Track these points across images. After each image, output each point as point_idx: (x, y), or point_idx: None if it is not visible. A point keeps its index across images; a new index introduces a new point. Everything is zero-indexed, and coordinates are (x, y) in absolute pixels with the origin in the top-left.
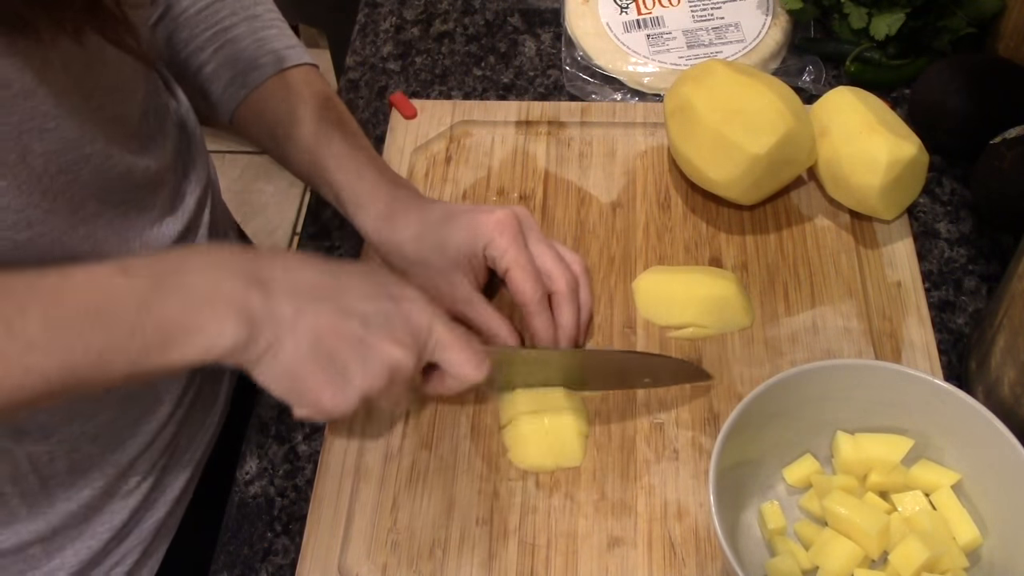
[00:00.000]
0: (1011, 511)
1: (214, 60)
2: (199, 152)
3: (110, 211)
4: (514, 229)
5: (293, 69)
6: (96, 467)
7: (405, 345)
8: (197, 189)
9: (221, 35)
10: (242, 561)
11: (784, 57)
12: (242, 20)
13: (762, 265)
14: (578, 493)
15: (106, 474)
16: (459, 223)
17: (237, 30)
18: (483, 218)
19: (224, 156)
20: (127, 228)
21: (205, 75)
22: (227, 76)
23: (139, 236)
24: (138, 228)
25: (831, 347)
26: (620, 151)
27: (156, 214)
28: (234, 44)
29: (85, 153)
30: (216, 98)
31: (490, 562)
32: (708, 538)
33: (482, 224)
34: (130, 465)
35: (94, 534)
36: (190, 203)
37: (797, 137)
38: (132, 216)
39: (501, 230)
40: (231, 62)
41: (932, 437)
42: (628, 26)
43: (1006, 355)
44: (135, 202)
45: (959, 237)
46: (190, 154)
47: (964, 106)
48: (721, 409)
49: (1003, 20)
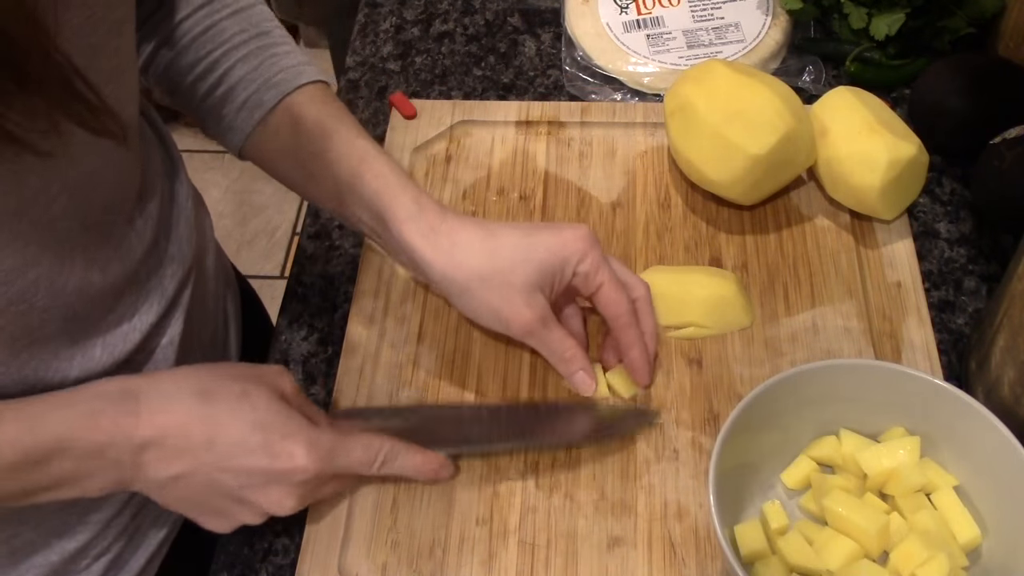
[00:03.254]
0: (1011, 511)
1: (225, 82)
2: (185, 223)
3: (70, 325)
4: (598, 245)
5: (310, 86)
6: (39, 553)
7: (282, 501)
8: (180, 271)
9: (231, 54)
10: (242, 561)
11: (784, 57)
12: (252, 37)
13: (762, 265)
14: (578, 493)
15: (51, 560)
16: (541, 240)
17: (248, 48)
18: (569, 234)
19: (224, 156)
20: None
21: (215, 99)
22: (242, 97)
23: (101, 342)
24: (102, 332)
25: (831, 347)
26: (620, 151)
27: (123, 311)
28: (245, 63)
29: (30, 280)
30: (228, 122)
31: (490, 562)
32: (708, 538)
33: (570, 241)
34: (80, 551)
35: None
36: (169, 288)
37: (797, 137)
38: (93, 320)
39: (591, 244)
40: (244, 82)
41: (932, 437)
42: (628, 26)
43: (1006, 355)
44: (95, 307)
45: (959, 237)
46: (173, 229)
47: (964, 106)
48: (721, 409)
49: (1003, 20)
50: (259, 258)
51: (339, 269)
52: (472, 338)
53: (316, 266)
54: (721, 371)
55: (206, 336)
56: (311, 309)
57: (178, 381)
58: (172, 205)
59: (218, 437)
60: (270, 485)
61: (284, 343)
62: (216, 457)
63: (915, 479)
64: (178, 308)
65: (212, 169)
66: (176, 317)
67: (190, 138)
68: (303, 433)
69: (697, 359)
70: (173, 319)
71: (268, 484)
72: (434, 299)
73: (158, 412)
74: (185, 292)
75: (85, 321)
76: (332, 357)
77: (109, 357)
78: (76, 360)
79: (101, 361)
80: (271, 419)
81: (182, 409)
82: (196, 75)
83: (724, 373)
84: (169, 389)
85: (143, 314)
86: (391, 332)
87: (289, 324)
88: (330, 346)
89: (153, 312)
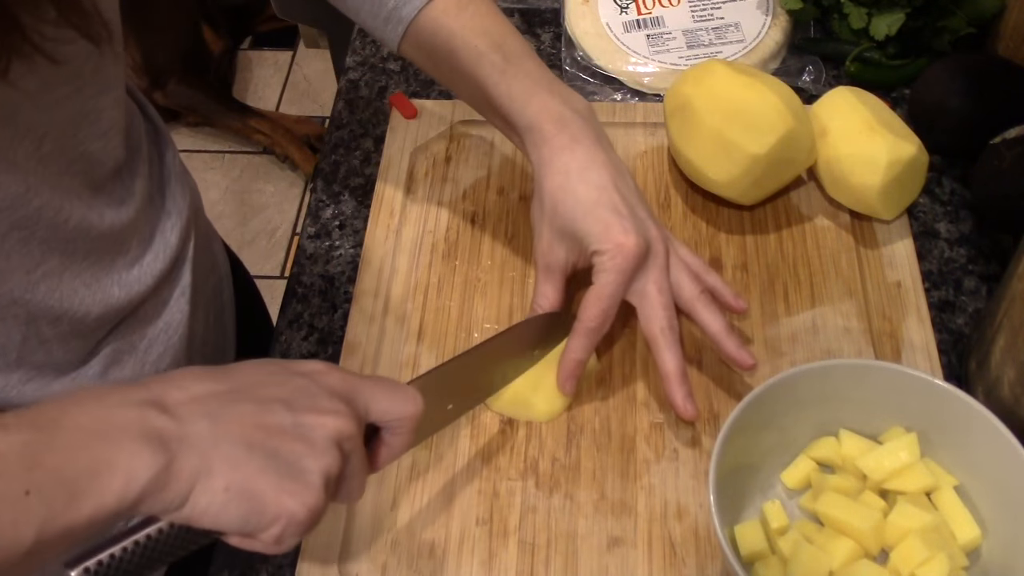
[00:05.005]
0: (1011, 511)
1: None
2: (176, 180)
3: (77, 264)
4: (631, 262)
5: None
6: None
7: (339, 412)
8: (179, 223)
9: None
10: (242, 561)
11: (784, 57)
12: None
13: (762, 265)
14: (578, 493)
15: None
16: (596, 216)
17: None
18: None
19: (224, 156)
20: (101, 276)
21: (366, 9)
22: (384, 11)
23: (117, 281)
24: (116, 272)
25: (831, 347)
26: (620, 151)
27: (133, 256)
28: None
29: (33, 208)
30: (379, 34)
31: (490, 562)
32: (708, 538)
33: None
34: None
35: None
36: (172, 239)
37: (797, 137)
38: (105, 263)
39: (617, 253)
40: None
41: (932, 437)
42: (628, 26)
43: (1006, 355)
44: (104, 251)
45: (959, 237)
46: (166, 185)
47: (964, 106)
48: (721, 409)
49: (1003, 20)
50: (259, 258)
51: (339, 269)
52: (472, 338)
53: (316, 266)
54: (721, 371)
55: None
56: (311, 309)
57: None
58: (161, 165)
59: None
60: (315, 395)
61: (284, 343)
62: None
63: (915, 479)
64: (185, 260)
65: (212, 169)
66: (184, 269)
67: (190, 138)
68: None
69: (697, 359)
70: (183, 271)
71: (313, 397)
72: (434, 299)
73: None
74: (188, 245)
75: (93, 262)
76: (332, 357)
77: (126, 297)
78: (98, 297)
79: (120, 299)
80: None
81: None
82: None
83: (724, 373)
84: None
85: (152, 262)
86: (391, 332)
87: (289, 324)
88: (330, 346)
89: (160, 260)
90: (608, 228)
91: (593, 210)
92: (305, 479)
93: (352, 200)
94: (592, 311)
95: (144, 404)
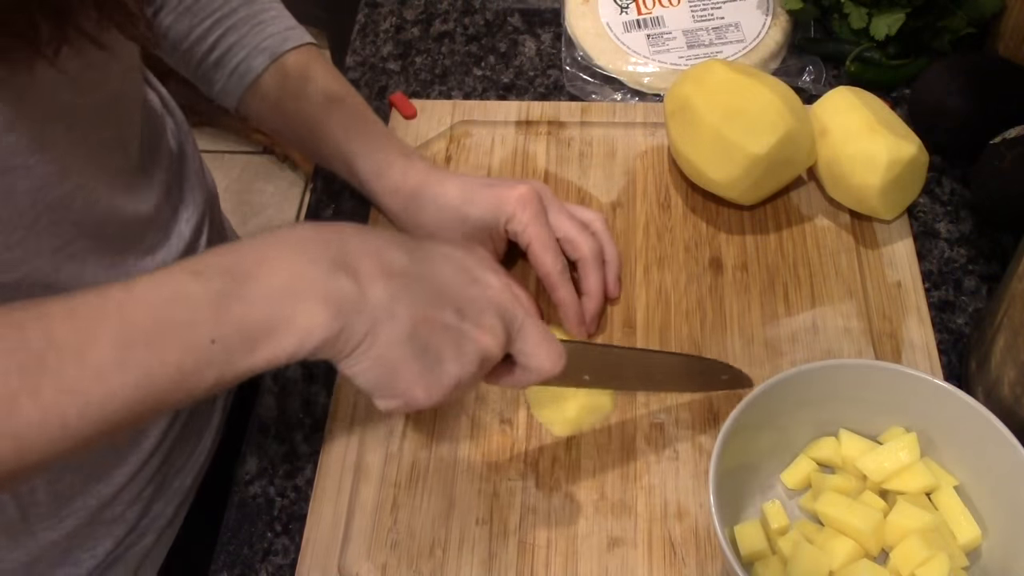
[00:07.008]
0: (1011, 511)
1: (217, 49)
2: (195, 174)
3: (103, 248)
4: (535, 204)
5: (295, 50)
6: (79, 497)
7: (496, 334)
8: (194, 216)
9: (223, 22)
10: (242, 561)
11: (784, 57)
12: (241, 5)
13: (762, 265)
14: (578, 493)
15: (89, 505)
16: (481, 198)
17: (237, 16)
18: (505, 194)
19: (224, 156)
20: (119, 262)
21: (208, 65)
22: (231, 64)
23: (135, 267)
24: (132, 260)
25: (831, 347)
26: (620, 151)
27: (150, 244)
28: (235, 31)
29: (67, 189)
30: (221, 87)
31: (490, 562)
32: (708, 538)
33: (504, 200)
34: (115, 495)
35: (77, 562)
36: (185, 231)
37: (797, 137)
38: (127, 249)
39: (523, 205)
40: (233, 50)
41: (932, 437)
42: (628, 26)
43: (1006, 355)
44: (127, 237)
45: (959, 237)
46: (185, 179)
47: (964, 106)
48: (721, 409)
49: (1003, 20)
50: None
51: None
52: None
53: None
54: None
55: None
56: None
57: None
58: (181, 156)
59: (434, 271)
60: (484, 312)
61: None
62: (435, 284)
63: (915, 479)
64: (196, 252)
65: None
66: None
67: None
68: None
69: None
70: None
71: (482, 312)
72: None
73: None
74: (201, 238)
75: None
76: None
77: None
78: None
79: None
80: (474, 261)
81: (397, 252)
82: (191, 41)
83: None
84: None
85: (166, 252)
86: None
87: None
88: None
89: (174, 251)
90: (498, 197)
91: (474, 197)
92: (440, 378)
93: (352, 200)
94: (546, 260)
95: (336, 266)
